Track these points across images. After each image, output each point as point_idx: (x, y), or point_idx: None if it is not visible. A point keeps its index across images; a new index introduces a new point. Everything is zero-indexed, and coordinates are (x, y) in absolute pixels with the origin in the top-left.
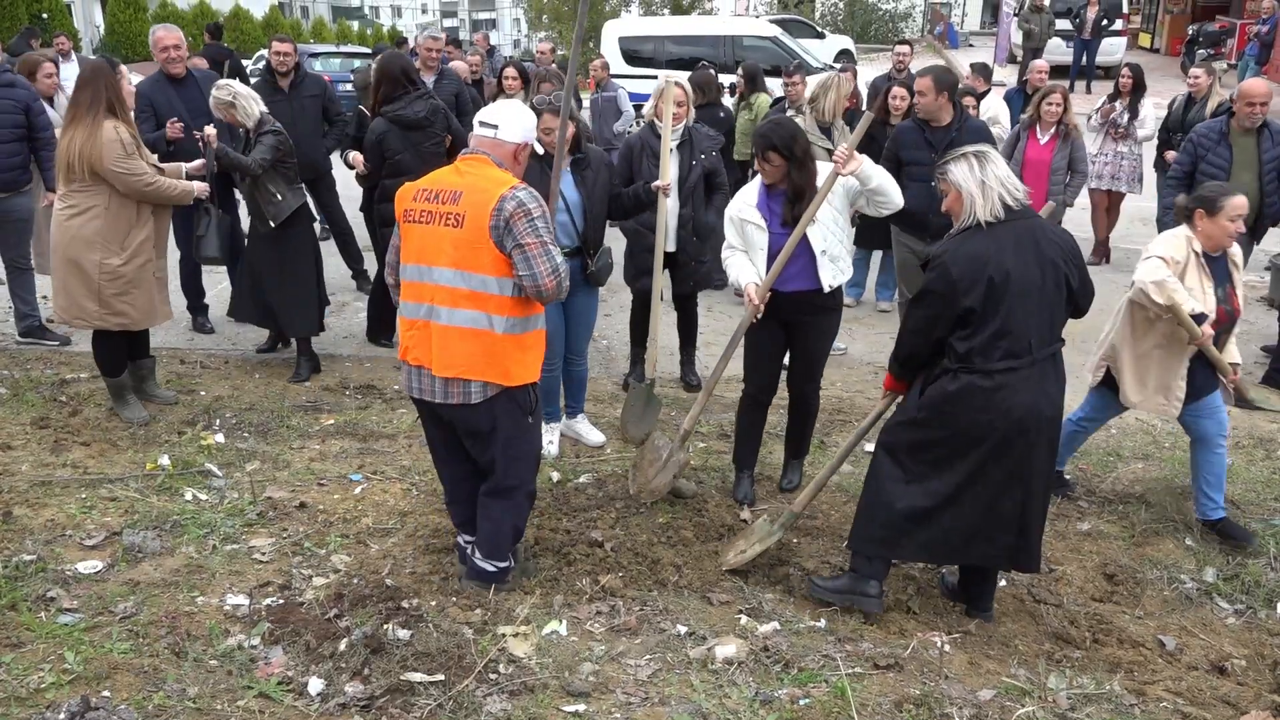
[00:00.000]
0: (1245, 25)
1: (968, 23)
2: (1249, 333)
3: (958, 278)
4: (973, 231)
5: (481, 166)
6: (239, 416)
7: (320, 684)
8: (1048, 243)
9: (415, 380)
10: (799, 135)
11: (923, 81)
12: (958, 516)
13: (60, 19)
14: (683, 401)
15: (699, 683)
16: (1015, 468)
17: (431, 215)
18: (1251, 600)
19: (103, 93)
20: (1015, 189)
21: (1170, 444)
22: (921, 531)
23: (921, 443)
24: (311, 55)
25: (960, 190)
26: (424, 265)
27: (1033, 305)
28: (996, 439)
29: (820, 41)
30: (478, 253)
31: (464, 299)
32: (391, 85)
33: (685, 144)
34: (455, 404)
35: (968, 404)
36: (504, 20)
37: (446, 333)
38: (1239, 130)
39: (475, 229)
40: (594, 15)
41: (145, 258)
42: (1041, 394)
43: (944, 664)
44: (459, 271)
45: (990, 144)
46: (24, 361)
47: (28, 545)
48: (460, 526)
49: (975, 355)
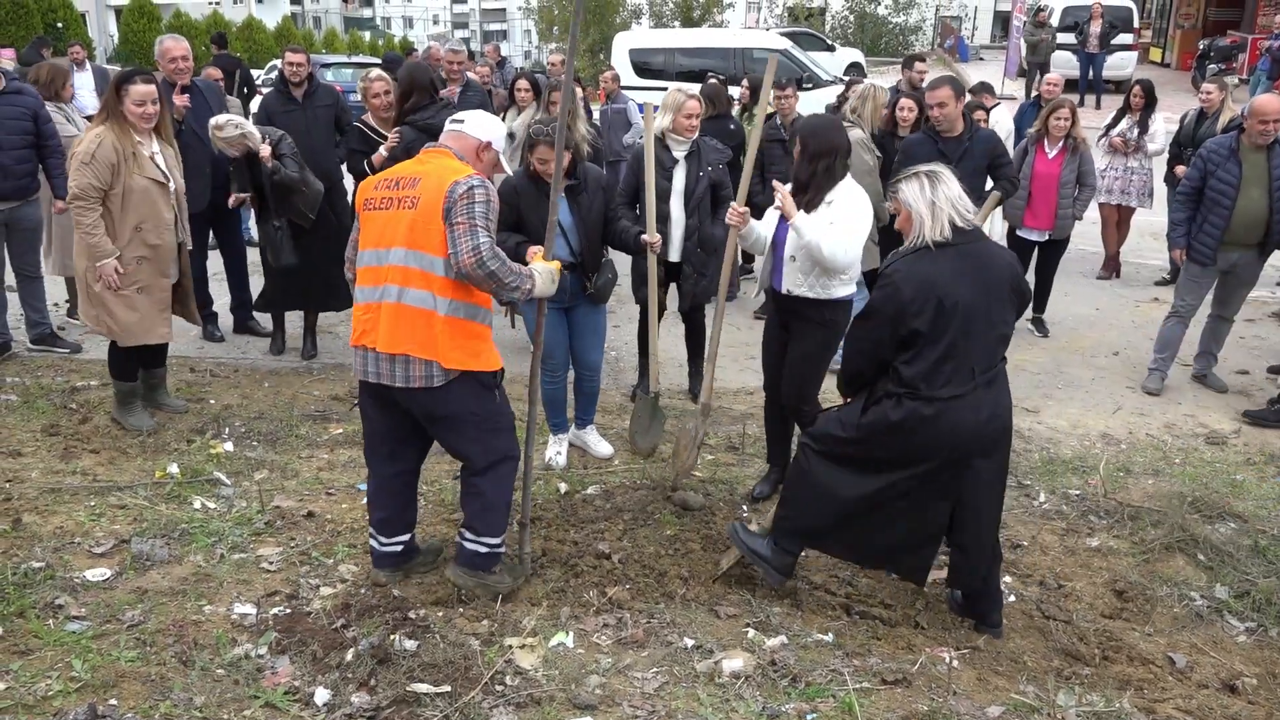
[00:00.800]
0: (1256, 40)
1: (978, 36)
2: (1260, 349)
3: (909, 299)
4: (924, 252)
5: (442, 158)
6: (248, 425)
7: (327, 694)
8: (996, 268)
9: (372, 365)
10: (823, 133)
11: (943, 92)
12: (885, 523)
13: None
14: (692, 412)
15: (705, 696)
16: (951, 485)
17: (390, 200)
18: (1263, 618)
19: (107, 100)
20: (966, 210)
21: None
22: (847, 532)
23: (856, 458)
24: (324, 66)
25: (910, 210)
26: (380, 249)
27: (978, 332)
28: (936, 461)
29: (830, 54)
30: (429, 233)
31: (415, 278)
32: (421, 95)
33: (693, 155)
34: (417, 388)
35: (909, 432)
36: (514, 31)
37: (397, 311)
38: (1249, 146)
39: (429, 209)
40: (604, 27)
41: (129, 273)
42: (986, 415)
43: (952, 680)
44: (411, 251)
45: (1003, 154)
46: (35, 369)
47: (36, 552)
48: (377, 525)
49: (919, 381)
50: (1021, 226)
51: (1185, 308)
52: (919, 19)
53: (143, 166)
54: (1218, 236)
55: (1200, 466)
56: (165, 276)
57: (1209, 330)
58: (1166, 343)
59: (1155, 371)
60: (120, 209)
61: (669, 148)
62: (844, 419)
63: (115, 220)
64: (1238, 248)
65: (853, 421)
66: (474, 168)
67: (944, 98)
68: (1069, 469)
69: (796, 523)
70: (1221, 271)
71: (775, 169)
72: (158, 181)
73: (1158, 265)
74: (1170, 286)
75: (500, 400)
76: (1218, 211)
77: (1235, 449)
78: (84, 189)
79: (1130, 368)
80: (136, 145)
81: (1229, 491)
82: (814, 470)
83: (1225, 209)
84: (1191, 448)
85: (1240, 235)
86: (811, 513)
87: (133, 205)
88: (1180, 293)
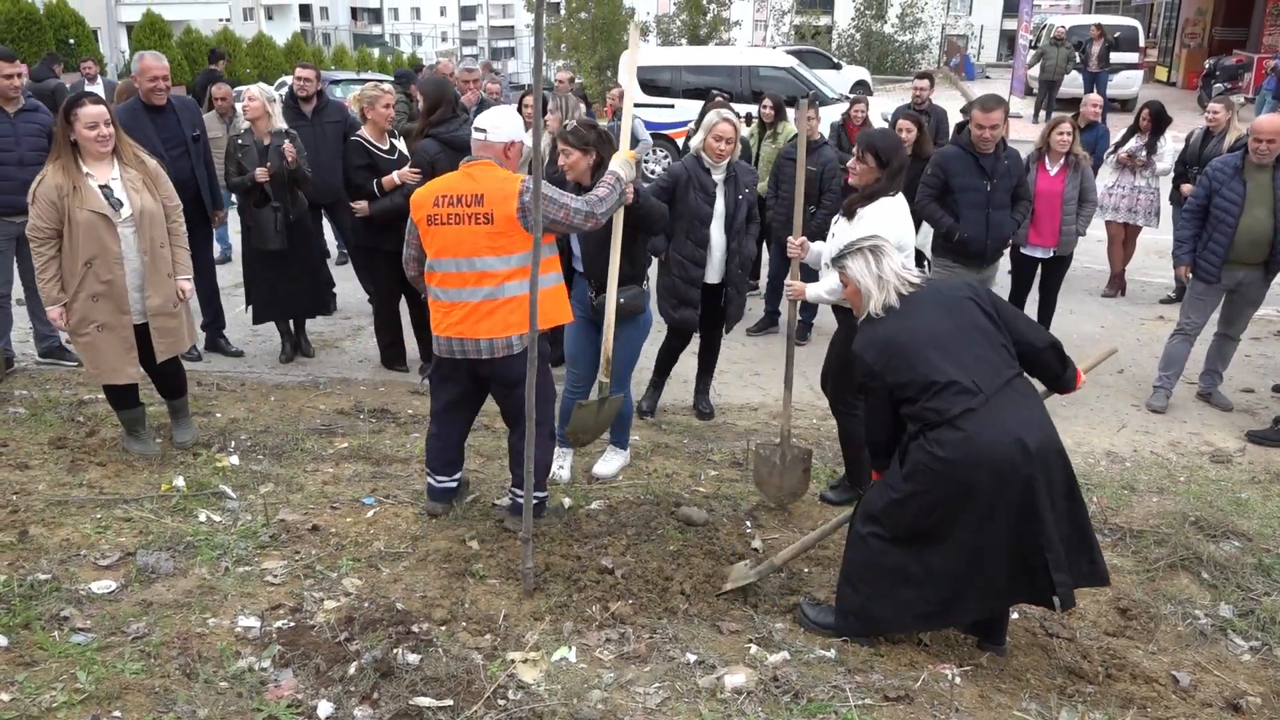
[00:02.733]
0: (1262, 59)
1: (984, 55)
2: (1265, 367)
3: (873, 362)
4: (875, 319)
5: (488, 169)
6: (254, 439)
7: (330, 707)
8: (949, 293)
9: (457, 347)
10: (900, 150)
11: (996, 114)
12: (979, 576)
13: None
14: (695, 429)
15: (708, 712)
16: (1020, 506)
17: (460, 217)
18: (1267, 637)
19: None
20: (910, 279)
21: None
22: (962, 599)
23: (914, 515)
24: (333, 82)
25: (858, 285)
26: (461, 257)
27: (955, 347)
28: (985, 480)
29: (836, 72)
30: (511, 239)
31: (508, 276)
32: (446, 109)
33: (730, 179)
34: (500, 357)
35: (947, 461)
36: (522, 49)
37: (500, 305)
38: (1253, 165)
39: (506, 220)
40: (610, 44)
41: (81, 316)
42: (1015, 424)
43: (954, 697)
44: (500, 257)
45: (1024, 174)
46: (43, 382)
47: (42, 564)
48: (434, 470)
49: (930, 414)
50: (1025, 244)
51: (1191, 326)
52: (925, 37)
53: (85, 200)
54: (1222, 255)
55: (1205, 485)
56: (124, 313)
57: (1214, 348)
58: (1171, 361)
59: (1160, 389)
60: (69, 246)
61: (709, 170)
62: (889, 482)
63: (68, 258)
64: (1243, 266)
65: (897, 478)
66: (507, 166)
67: (997, 120)
68: None
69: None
70: (1227, 290)
71: (786, 188)
72: (101, 214)
73: (1163, 283)
74: (1176, 305)
75: (549, 373)
76: (1222, 230)
77: (1240, 467)
78: (30, 228)
79: (1135, 386)
80: (80, 178)
81: (1233, 510)
82: (884, 555)
83: (1229, 227)
84: (1196, 466)
85: (1245, 253)
86: (892, 599)
87: (80, 241)
88: (1186, 311)
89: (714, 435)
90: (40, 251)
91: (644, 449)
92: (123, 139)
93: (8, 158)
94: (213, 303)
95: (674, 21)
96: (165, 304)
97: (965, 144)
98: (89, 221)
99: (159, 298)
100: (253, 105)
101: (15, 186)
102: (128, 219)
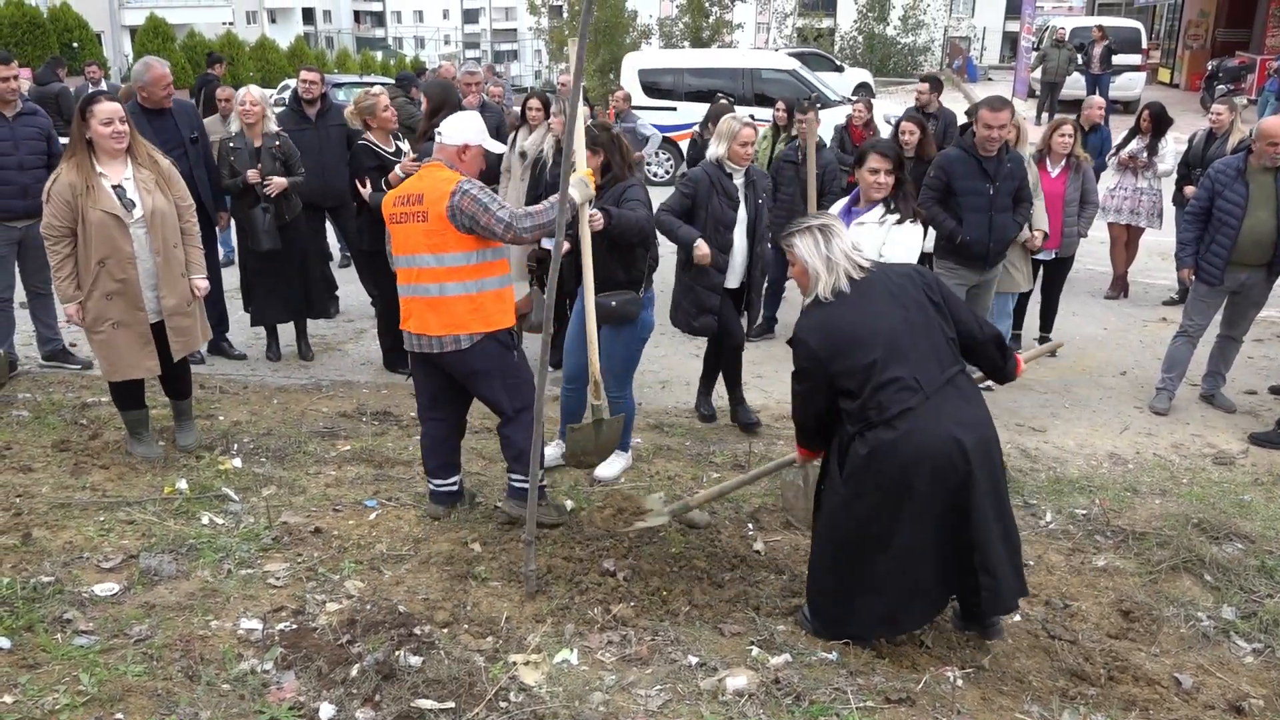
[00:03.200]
0: (1265, 61)
1: (986, 57)
2: (1268, 369)
3: (817, 348)
4: (822, 303)
5: (435, 170)
6: (256, 441)
7: (332, 710)
8: (897, 281)
9: (415, 341)
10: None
11: (1004, 114)
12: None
13: (90, 48)
14: (696, 431)
15: (709, 714)
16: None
17: (407, 215)
18: (1270, 639)
19: (73, 130)
20: (860, 262)
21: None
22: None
23: (859, 519)
24: (336, 85)
25: (806, 265)
26: (408, 254)
27: (905, 344)
28: (924, 480)
29: (839, 75)
30: (444, 237)
31: (444, 275)
32: (449, 111)
33: (750, 184)
34: (450, 351)
35: (883, 458)
36: (525, 52)
37: (438, 302)
38: (1257, 167)
39: (438, 219)
40: (614, 48)
41: (97, 314)
42: (953, 424)
43: (956, 699)
44: (435, 255)
45: (1026, 177)
46: (46, 385)
47: (46, 567)
48: (431, 471)
49: (870, 410)
50: None
51: (1193, 327)
52: (927, 40)
53: (98, 199)
54: (1225, 256)
55: (1207, 486)
56: (140, 310)
57: (1217, 350)
58: (1174, 362)
59: (1163, 391)
60: (84, 245)
61: (730, 175)
62: (830, 484)
63: (82, 256)
64: (1245, 268)
65: (838, 479)
66: (461, 170)
67: (1005, 120)
68: (1076, 488)
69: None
70: (1230, 291)
71: (785, 190)
72: (113, 215)
73: (1166, 285)
74: (1178, 306)
75: (519, 360)
76: (1225, 232)
77: (1243, 469)
78: (46, 226)
79: (1138, 387)
80: (94, 177)
81: (1236, 512)
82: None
83: (1232, 229)
84: (1199, 468)
85: (1248, 255)
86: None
87: (93, 240)
88: (1188, 313)
89: (716, 438)
90: (55, 250)
91: (646, 451)
92: (137, 139)
93: (7, 162)
94: (216, 306)
95: (676, 24)
96: (180, 304)
97: (968, 146)
98: (101, 221)
99: (174, 298)
100: (255, 109)
101: (15, 191)
102: (140, 219)
